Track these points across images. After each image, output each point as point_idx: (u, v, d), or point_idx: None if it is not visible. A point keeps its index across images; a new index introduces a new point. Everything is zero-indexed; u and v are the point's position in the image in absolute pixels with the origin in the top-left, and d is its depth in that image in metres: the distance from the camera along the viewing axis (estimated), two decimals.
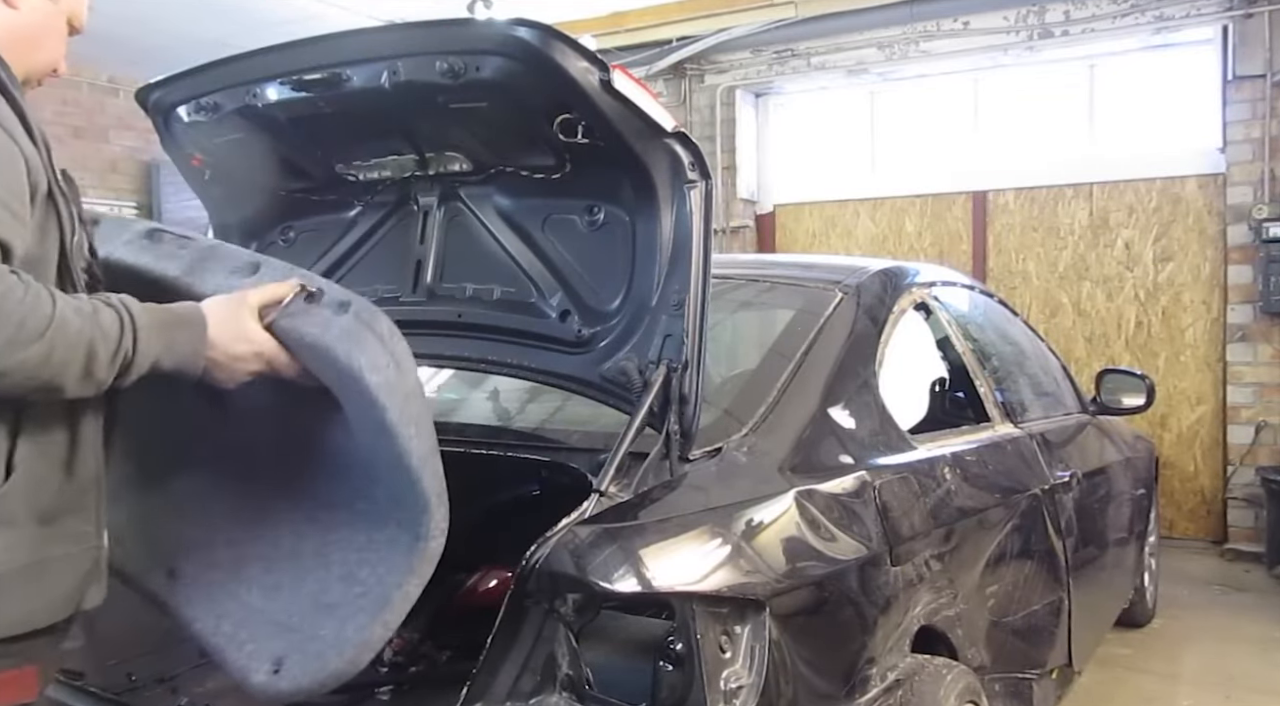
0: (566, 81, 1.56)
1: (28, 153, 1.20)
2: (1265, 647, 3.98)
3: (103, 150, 7.32)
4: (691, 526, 1.54)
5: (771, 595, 1.51)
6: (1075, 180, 6.03)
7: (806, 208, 6.95)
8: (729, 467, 1.73)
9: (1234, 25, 5.33)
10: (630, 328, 1.79)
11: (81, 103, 7.16)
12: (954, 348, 2.78)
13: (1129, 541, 3.63)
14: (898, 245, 6.56)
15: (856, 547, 1.77)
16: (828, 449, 1.94)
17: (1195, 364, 5.75)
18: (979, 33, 5.96)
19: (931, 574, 1.98)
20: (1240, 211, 5.37)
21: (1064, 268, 6.09)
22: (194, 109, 1.93)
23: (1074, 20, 5.72)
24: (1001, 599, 2.31)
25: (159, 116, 1.97)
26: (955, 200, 6.40)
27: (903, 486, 2.01)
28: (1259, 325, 5.36)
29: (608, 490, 1.52)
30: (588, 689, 1.42)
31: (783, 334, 2.21)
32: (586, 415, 2.08)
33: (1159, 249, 5.83)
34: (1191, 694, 3.53)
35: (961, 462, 2.32)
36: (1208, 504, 5.74)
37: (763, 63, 6.63)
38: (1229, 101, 5.39)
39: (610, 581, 1.37)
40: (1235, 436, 5.49)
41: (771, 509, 1.68)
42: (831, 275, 2.44)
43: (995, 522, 2.34)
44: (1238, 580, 5.02)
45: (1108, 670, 3.67)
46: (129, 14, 6.00)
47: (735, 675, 1.42)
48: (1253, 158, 5.33)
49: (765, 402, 1.91)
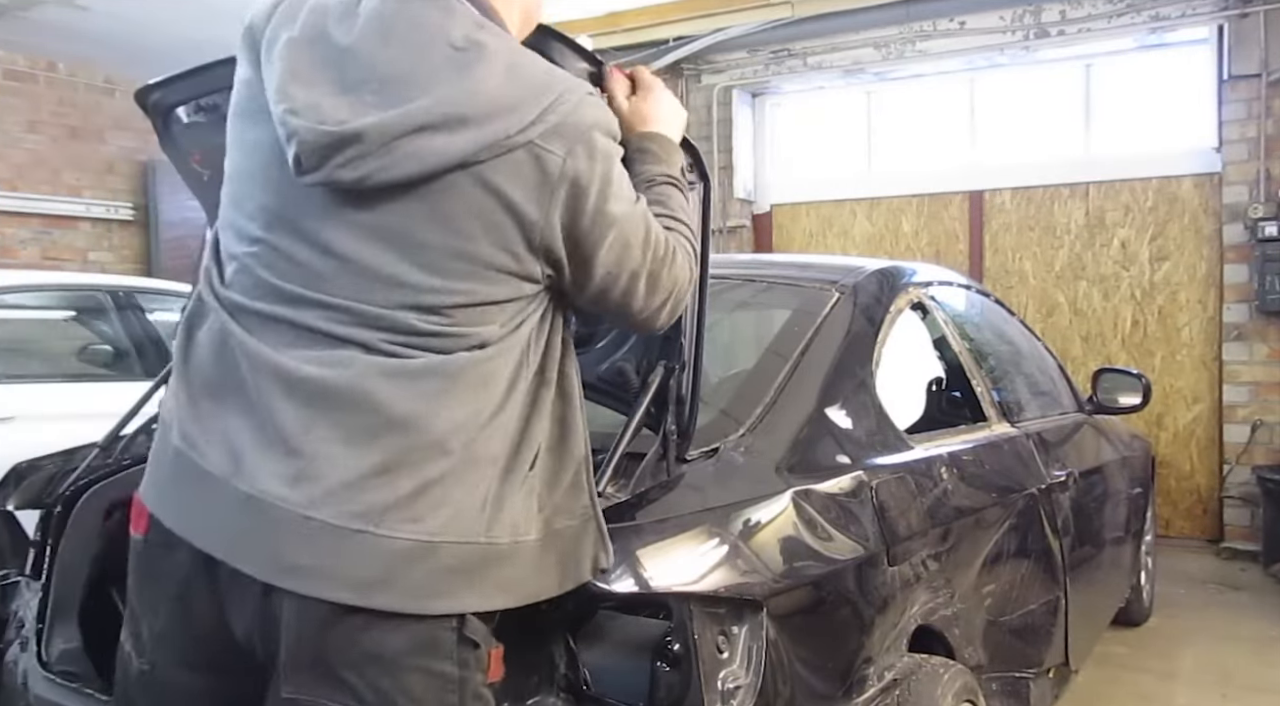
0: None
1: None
2: (1261, 646, 3.99)
3: (99, 150, 7.31)
4: (689, 527, 1.54)
5: (769, 595, 1.51)
6: (1071, 180, 6.04)
7: (803, 207, 6.96)
8: (726, 468, 1.73)
9: (1229, 25, 5.34)
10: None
11: (78, 103, 7.15)
12: (951, 347, 2.78)
13: (1126, 540, 3.64)
14: (894, 245, 6.57)
15: (854, 547, 1.77)
16: (825, 449, 1.94)
17: (1191, 363, 5.77)
18: (975, 32, 5.96)
19: (928, 573, 1.98)
20: (1236, 211, 5.39)
21: (1060, 267, 6.10)
22: (193, 110, 1.92)
23: (1070, 20, 5.73)
24: (998, 598, 2.32)
25: (158, 117, 1.97)
26: (952, 200, 6.41)
27: (900, 486, 2.01)
28: (1255, 324, 5.37)
29: (605, 490, 1.52)
30: (585, 689, 1.42)
31: (780, 334, 2.21)
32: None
33: (1155, 248, 5.84)
34: (1188, 692, 3.54)
35: (958, 462, 2.32)
36: (1204, 502, 5.75)
37: (759, 63, 6.64)
38: (1224, 101, 5.41)
39: (608, 582, 1.37)
40: (1231, 435, 5.50)
41: (769, 509, 1.68)
42: (828, 275, 2.44)
43: (992, 522, 2.35)
44: (1234, 579, 5.03)
45: (1105, 668, 3.68)
46: (127, 14, 6.00)
47: (733, 675, 1.42)
48: (1248, 157, 5.35)
49: (762, 403, 1.91)
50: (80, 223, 7.21)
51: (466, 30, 1.22)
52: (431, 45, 1.20)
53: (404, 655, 1.18)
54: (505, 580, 1.24)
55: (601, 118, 1.26)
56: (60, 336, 4.71)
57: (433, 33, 1.21)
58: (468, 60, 1.19)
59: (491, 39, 1.23)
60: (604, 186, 1.25)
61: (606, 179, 1.25)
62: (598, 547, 1.35)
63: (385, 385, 1.20)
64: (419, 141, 1.16)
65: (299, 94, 1.20)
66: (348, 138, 1.16)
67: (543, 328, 1.31)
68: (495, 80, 1.19)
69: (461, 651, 1.21)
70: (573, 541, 1.32)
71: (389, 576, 1.17)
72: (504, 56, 1.22)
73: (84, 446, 2.22)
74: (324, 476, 1.18)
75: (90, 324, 4.71)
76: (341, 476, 1.18)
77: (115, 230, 7.43)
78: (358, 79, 1.20)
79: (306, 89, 1.20)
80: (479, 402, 1.22)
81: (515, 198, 1.20)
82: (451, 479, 1.20)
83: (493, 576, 1.22)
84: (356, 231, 1.22)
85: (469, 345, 1.23)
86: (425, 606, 1.18)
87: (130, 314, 4.67)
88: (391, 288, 1.21)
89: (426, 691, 1.19)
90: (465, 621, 1.21)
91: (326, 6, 1.25)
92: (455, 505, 1.19)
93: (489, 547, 1.21)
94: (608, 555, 1.36)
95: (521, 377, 1.27)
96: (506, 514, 1.23)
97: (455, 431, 1.20)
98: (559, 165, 1.20)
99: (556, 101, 1.21)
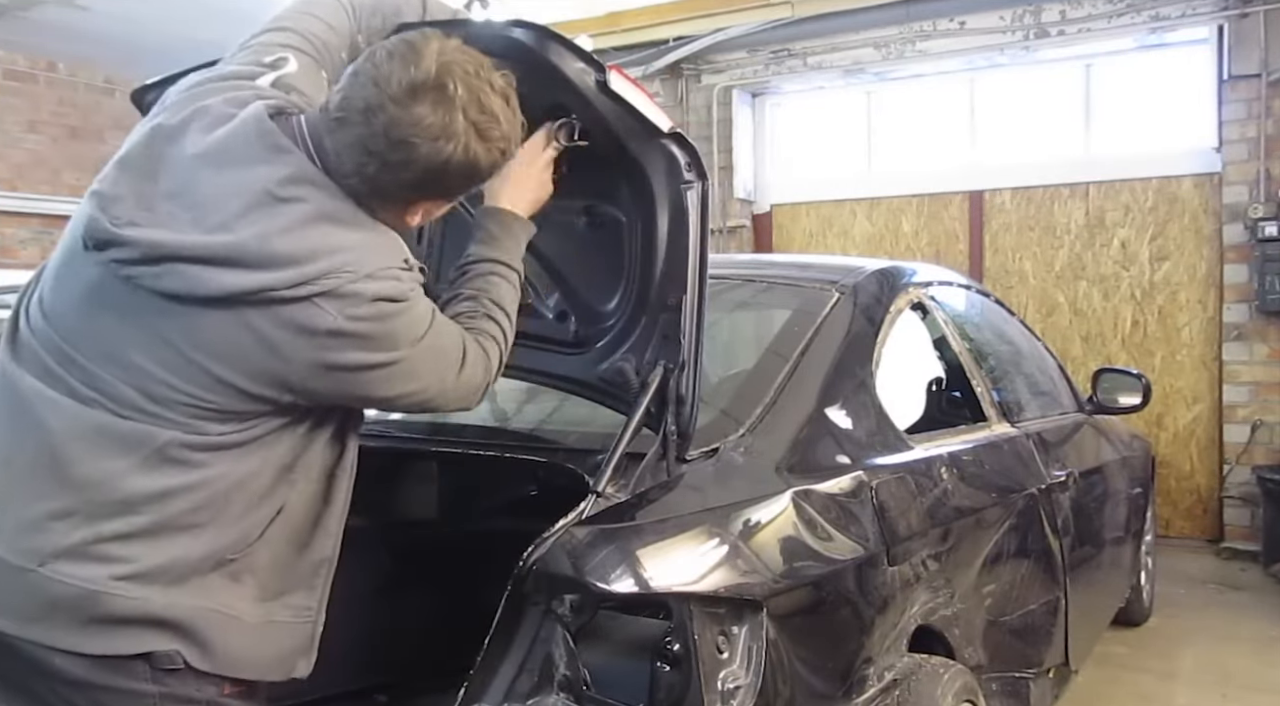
0: (562, 82, 1.56)
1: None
2: (1261, 645, 3.99)
3: (99, 150, 7.31)
4: (689, 527, 1.54)
5: (769, 595, 1.51)
6: (1071, 180, 6.04)
7: (803, 207, 6.96)
8: (726, 468, 1.73)
9: (1229, 25, 5.34)
10: (627, 328, 1.78)
11: (78, 103, 7.15)
12: (951, 347, 2.78)
13: (1126, 540, 3.63)
14: (894, 245, 6.57)
15: (853, 547, 1.77)
16: (825, 449, 1.94)
17: (1191, 363, 5.76)
18: (975, 32, 5.96)
19: (928, 573, 1.98)
20: (1236, 211, 5.38)
21: (1060, 267, 6.10)
22: None
23: (1070, 20, 5.72)
24: (998, 598, 2.32)
25: None
26: (952, 200, 6.41)
27: (900, 486, 2.01)
28: (1255, 324, 5.37)
29: (605, 491, 1.52)
30: (585, 689, 1.42)
31: (779, 334, 2.21)
32: (584, 416, 2.08)
33: (1155, 248, 5.84)
34: (1188, 692, 3.54)
35: (958, 462, 2.32)
36: (1204, 502, 5.75)
37: (759, 63, 6.63)
38: (1224, 101, 5.40)
39: (607, 582, 1.38)
40: (1231, 435, 5.50)
41: (768, 509, 1.68)
42: (828, 275, 2.44)
43: (992, 522, 2.35)
44: (1234, 578, 5.03)
45: (1105, 668, 3.68)
46: (127, 14, 6.00)
47: (732, 675, 1.42)
48: (1248, 157, 5.34)
49: (762, 403, 1.91)
50: None
51: (289, 184, 1.26)
52: (251, 188, 1.25)
53: (88, 680, 1.26)
54: (192, 640, 1.29)
55: (385, 289, 1.29)
56: None
57: (258, 176, 1.25)
58: (274, 212, 1.25)
59: (309, 198, 1.27)
60: (376, 341, 1.29)
61: (379, 335, 1.29)
62: (300, 655, 1.41)
63: (90, 436, 1.27)
64: (189, 268, 1.23)
65: (118, 180, 1.28)
66: (125, 242, 1.24)
67: (292, 431, 1.35)
68: (288, 237, 1.24)
69: (156, 672, 1.27)
70: (279, 638, 1.38)
71: (48, 616, 1.24)
72: (311, 216, 1.26)
73: None
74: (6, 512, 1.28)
75: None
76: (20, 514, 1.27)
77: None
78: (178, 190, 1.26)
79: (131, 179, 1.28)
80: (180, 479, 1.27)
81: (273, 339, 1.25)
82: (131, 539, 1.26)
83: (170, 632, 1.27)
84: (116, 311, 1.28)
85: (186, 431, 1.27)
86: (88, 646, 1.25)
87: None
88: (125, 366, 1.27)
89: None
90: (152, 655, 1.27)
91: (206, 109, 1.31)
92: (132, 563, 1.25)
93: (167, 606, 1.27)
94: (309, 663, 1.42)
95: (247, 470, 1.31)
96: (193, 582, 1.29)
97: (139, 498, 1.26)
98: (329, 322, 1.25)
99: (339, 268, 1.25)
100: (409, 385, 1.37)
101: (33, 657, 1.26)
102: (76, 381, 1.29)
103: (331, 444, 1.41)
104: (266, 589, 1.35)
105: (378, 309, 1.28)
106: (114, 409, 1.27)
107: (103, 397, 1.27)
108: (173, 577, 1.27)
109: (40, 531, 1.25)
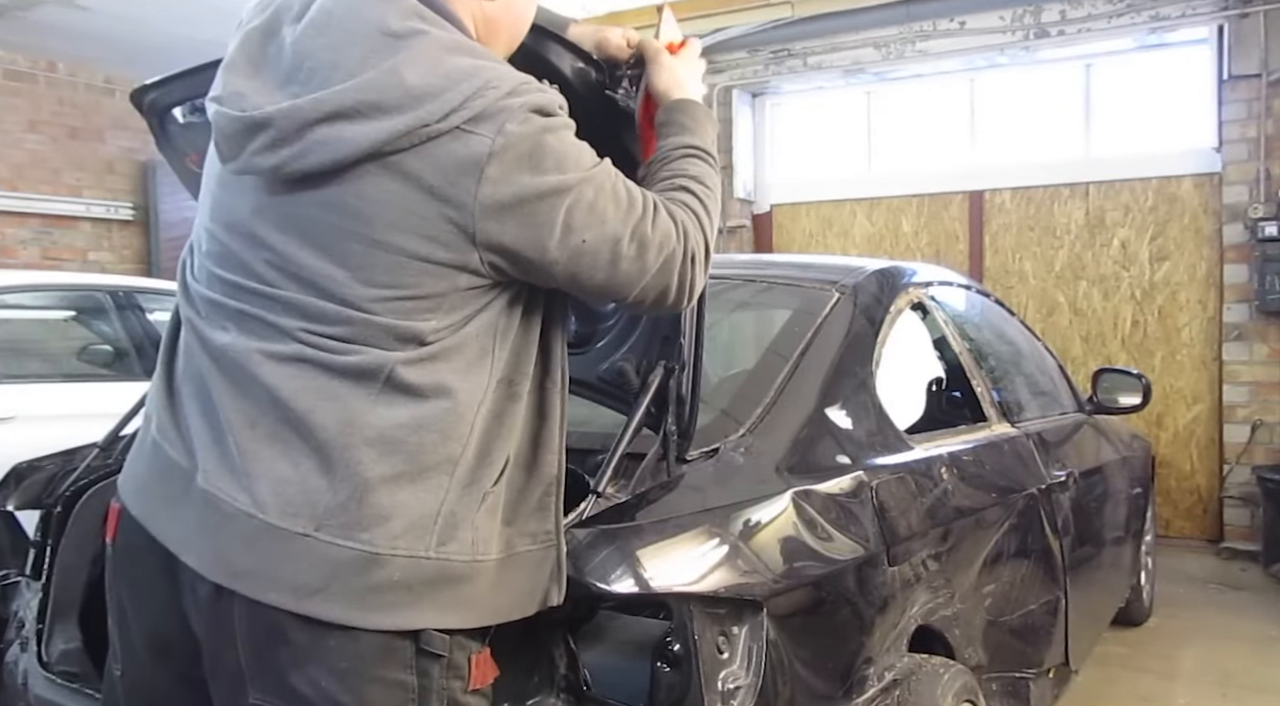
0: (562, 83, 1.56)
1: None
2: (1261, 645, 3.99)
3: (99, 150, 7.32)
4: (689, 527, 1.54)
5: (769, 595, 1.51)
6: (1071, 180, 6.04)
7: (803, 207, 6.96)
8: (726, 468, 1.73)
9: (1229, 25, 5.34)
10: (627, 328, 1.78)
11: (78, 103, 7.15)
12: (951, 347, 2.78)
13: (1126, 540, 3.64)
14: (894, 245, 6.57)
15: (854, 548, 1.77)
16: (825, 449, 1.94)
17: (1191, 363, 5.77)
18: (975, 33, 5.96)
19: (929, 573, 1.98)
20: (1236, 211, 5.39)
21: (1060, 267, 6.10)
22: (189, 110, 1.92)
23: (1070, 20, 5.73)
24: (998, 598, 2.32)
25: (154, 117, 1.97)
26: (952, 200, 6.41)
27: (900, 486, 2.01)
28: (1255, 324, 5.37)
29: (605, 491, 1.52)
30: (585, 690, 1.42)
31: (780, 334, 2.21)
32: (583, 416, 2.07)
33: (1155, 248, 5.84)
34: (1188, 692, 3.54)
35: (958, 462, 2.32)
36: (1204, 503, 5.75)
37: (759, 63, 6.64)
38: (1224, 101, 5.41)
39: (608, 582, 1.37)
40: (1231, 435, 5.50)
41: (769, 509, 1.68)
42: (828, 275, 2.44)
43: (992, 522, 2.35)
44: (1234, 578, 5.04)
45: (1105, 668, 3.68)
46: (127, 14, 6.00)
47: (733, 675, 1.42)
48: (1248, 157, 5.35)
49: (762, 403, 1.91)
50: (80, 223, 7.21)
51: (405, 18, 1.19)
52: (364, 32, 1.18)
53: (358, 666, 1.14)
54: (458, 599, 1.18)
55: (536, 100, 1.19)
56: (60, 336, 4.71)
57: (368, 20, 1.19)
58: (397, 48, 1.16)
59: (430, 28, 1.20)
60: (541, 159, 1.17)
61: (544, 150, 1.18)
62: (552, 581, 1.29)
63: (314, 381, 1.17)
64: (330, 129, 1.14)
65: (230, 82, 1.21)
66: (259, 123, 1.16)
67: (504, 331, 1.25)
68: (421, 68, 1.15)
69: (421, 661, 1.17)
70: (529, 568, 1.27)
71: (328, 585, 1.13)
72: (437, 46, 1.18)
73: (84, 446, 2.22)
74: (263, 476, 1.16)
75: (90, 324, 4.71)
76: (279, 476, 1.15)
77: (115, 230, 7.43)
78: (292, 69, 1.19)
79: (242, 78, 1.21)
80: (421, 408, 1.17)
81: (437, 184, 1.15)
82: (394, 486, 1.15)
83: (445, 594, 1.17)
84: (280, 223, 1.20)
85: (401, 343, 1.17)
86: (370, 620, 1.14)
87: (130, 314, 4.67)
88: (310, 281, 1.18)
89: (384, 702, 1.15)
90: (421, 634, 1.16)
91: (291, 3, 1.25)
92: (402, 516, 1.15)
93: (441, 564, 1.16)
94: (560, 590, 1.30)
95: (477, 385, 1.21)
96: (463, 530, 1.18)
97: (390, 436, 1.16)
98: (487, 146, 1.14)
99: (484, 87, 1.16)
100: (593, 228, 1.20)
101: (298, 641, 1.14)
102: (277, 318, 1.19)
103: (541, 355, 1.32)
104: (506, 518, 1.25)
105: (534, 122, 1.17)
106: (323, 344, 1.17)
107: (307, 329, 1.18)
108: (446, 524, 1.17)
109: (305, 491, 1.15)
